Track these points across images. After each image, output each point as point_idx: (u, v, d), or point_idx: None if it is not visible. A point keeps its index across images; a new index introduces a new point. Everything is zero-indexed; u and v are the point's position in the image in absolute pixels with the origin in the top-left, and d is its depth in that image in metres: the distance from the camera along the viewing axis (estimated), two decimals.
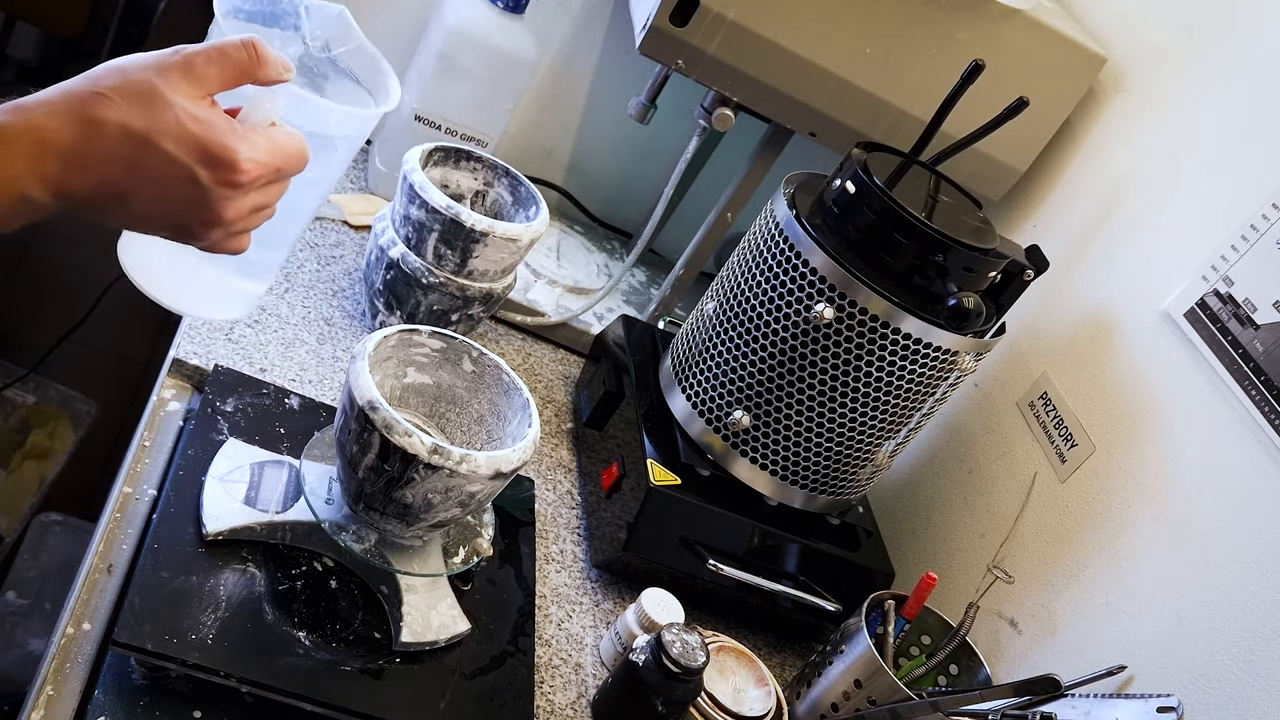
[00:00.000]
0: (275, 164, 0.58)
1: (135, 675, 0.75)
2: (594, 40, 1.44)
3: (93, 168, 0.54)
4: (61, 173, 0.53)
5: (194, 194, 0.56)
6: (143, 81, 0.55)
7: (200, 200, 0.57)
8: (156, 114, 0.54)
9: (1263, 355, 0.90)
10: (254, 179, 0.58)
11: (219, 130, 0.56)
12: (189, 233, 0.59)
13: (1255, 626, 0.85)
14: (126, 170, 0.54)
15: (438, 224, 1.06)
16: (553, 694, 0.93)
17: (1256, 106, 1.02)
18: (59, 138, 0.53)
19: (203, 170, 0.56)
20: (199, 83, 0.56)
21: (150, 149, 0.54)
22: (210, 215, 0.58)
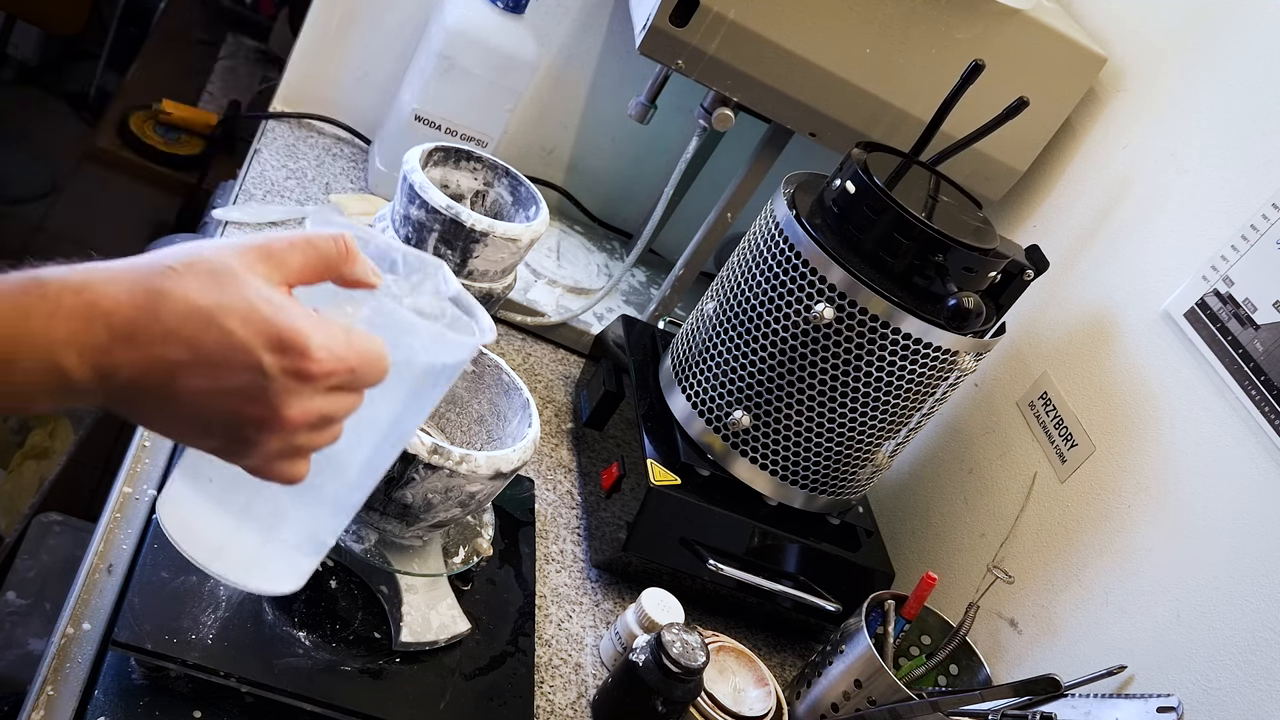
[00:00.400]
0: (351, 362, 0.50)
1: (135, 675, 0.75)
2: (594, 40, 1.44)
3: (145, 343, 0.47)
4: (108, 344, 0.46)
5: (254, 384, 0.48)
6: (216, 260, 0.49)
7: (260, 393, 0.48)
8: (226, 291, 0.48)
9: (1263, 355, 0.90)
10: (326, 373, 0.49)
11: (291, 314, 0.49)
12: (241, 437, 0.50)
13: (1256, 626, 0.85)
14: (183, 349, 0.47)
15: (438, 224, 1.06)
16: (553, 694, 0.93)
17: (1256, 106, 1.02)
18: (114, 304, 0.46)
19: (269, 355, 0.48)
20: (278, 268, 0.50)
21: (214, 327, 0.47)
22: (270, 414, 0.49)
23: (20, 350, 0.45)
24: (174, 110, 2.02)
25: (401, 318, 0.55)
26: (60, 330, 0.45)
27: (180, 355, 0.47)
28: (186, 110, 2.05)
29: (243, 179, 1.30)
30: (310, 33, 1.41)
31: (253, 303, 0.48)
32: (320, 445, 0.53)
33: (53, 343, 0.45)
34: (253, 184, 1.29)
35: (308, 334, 0.49)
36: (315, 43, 1.42)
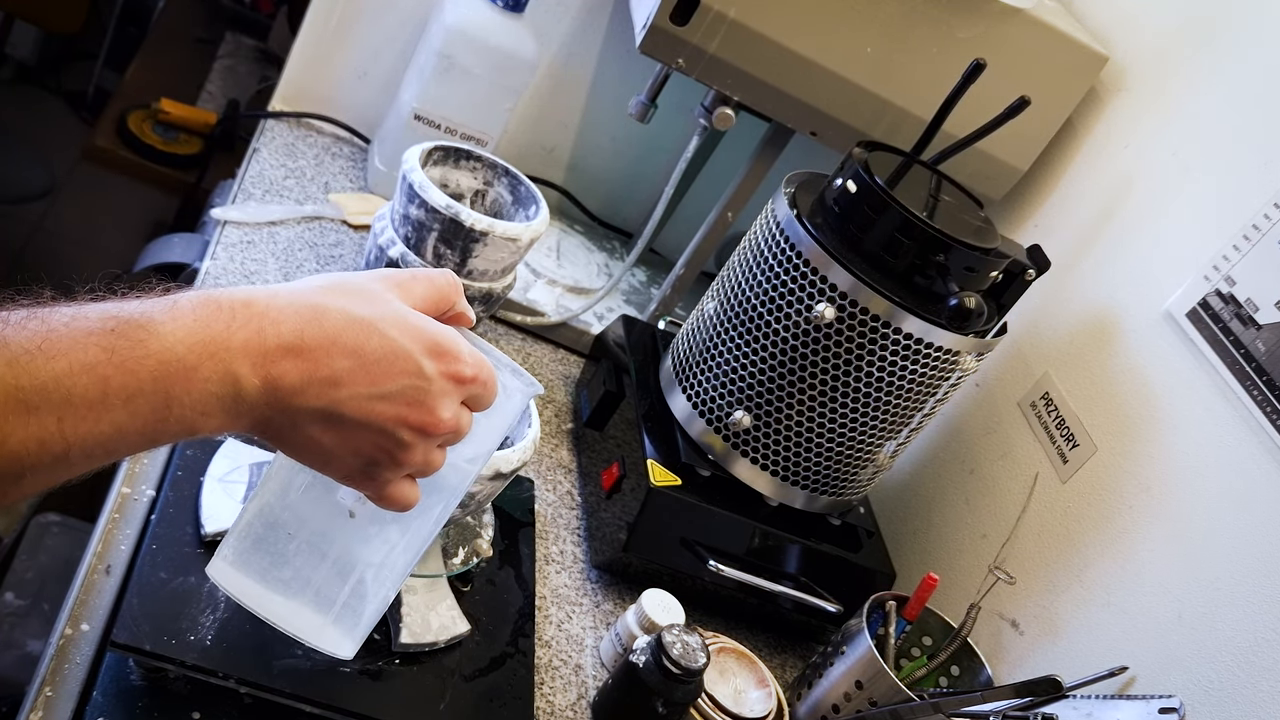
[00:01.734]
0: (485, 374, 0.55)
1: (134, 676, 0.74)
2: (594, 39, 1.44)
3: (310, 352, 0.49)
4: (277, 354, 0.48)
5: (415, 387, 0.52)
6: (360, 282, 0.53)
7: (422, 396, 0.52)
8: (377, 305, 0.52)
9: (1265, 355, 0.90)
10: (473, 377, 0.54)
11: (438, 326, 0.53)
12: (400, 442, 0.53)
13: (1257, 627, 0.85)
14: (347, 356, 0.50)
15: (437, 223, 1.06)
16: (553, 695, 0.93)
17: (1258, 105, 1.02)
18: (280, 315, 0.49)
19: (427, 359, 0.52)
20: (408, 295, 0.54)
21: (375, 333, 0.51)
22: (428, 417, 0.53)
23: (203, 358, 0.47)
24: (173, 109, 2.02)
25: (490, 353, 0.58)
26: (237, 338, 0.48)
27: (344, 363, 0.50)
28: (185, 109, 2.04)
29: (241, 178, 1.30)
30: (309, 32, 1.41)
31: (404, 314, 0.52)
32: (438, 466, 0.56)
33: (230, 350, 0.47)
34: (251, 183, 1.29)
35: (457, 340, 0.53)
36: (314, 42, 1.42)
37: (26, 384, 0.42)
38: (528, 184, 1.16)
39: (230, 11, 2.46)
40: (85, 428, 0.44)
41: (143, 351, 0.45)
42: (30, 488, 0.44)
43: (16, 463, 0.43)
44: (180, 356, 0.46)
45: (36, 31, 2.74)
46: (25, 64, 2.77)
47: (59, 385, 0.43)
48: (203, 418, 0.48)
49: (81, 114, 2.72)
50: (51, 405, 0.43)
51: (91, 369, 0.44)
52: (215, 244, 1.17)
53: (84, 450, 0.45)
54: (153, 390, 0.45)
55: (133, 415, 0.45)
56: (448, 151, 1.13)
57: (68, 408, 0.43)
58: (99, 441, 0.45)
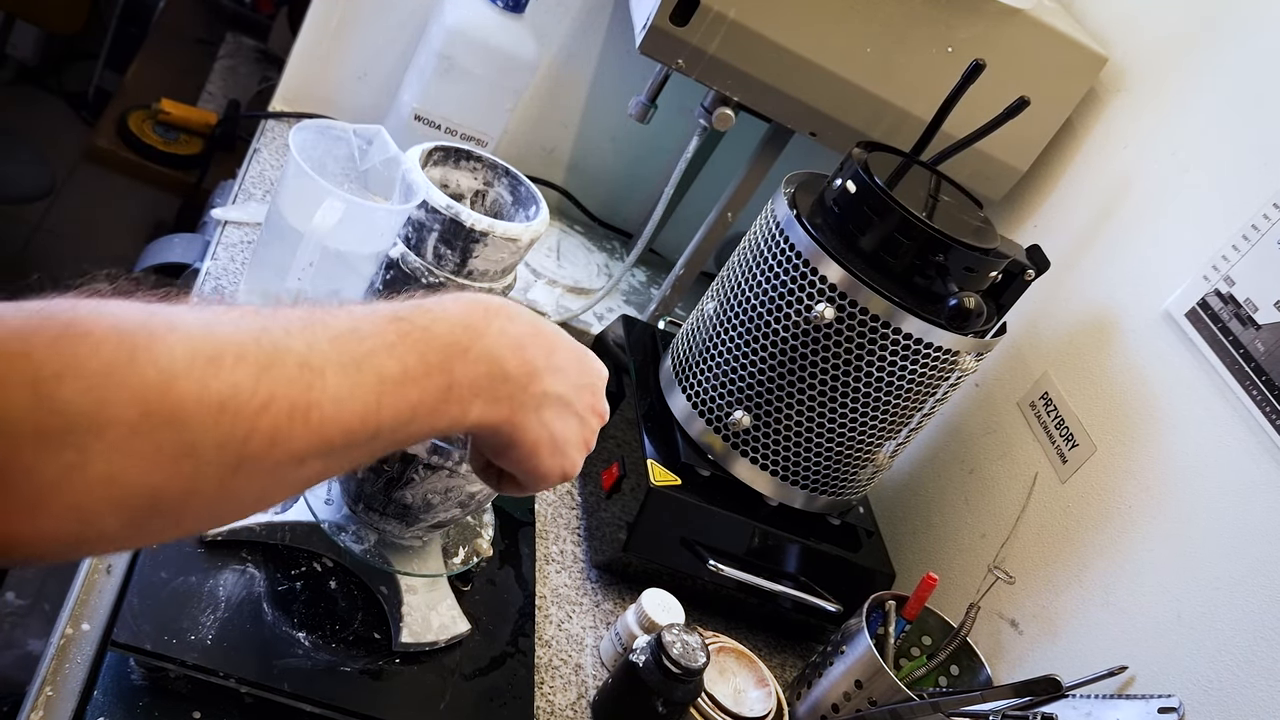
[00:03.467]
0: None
1: (134, 676, 0.74)
2: (594, 40, 1.44)
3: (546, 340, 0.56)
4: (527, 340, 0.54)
5: (594, 382, 0.61)
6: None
7: (597, 388, 0.62)
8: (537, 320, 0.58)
9: (1264, 355, 0.90)
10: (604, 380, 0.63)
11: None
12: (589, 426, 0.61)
13: (1257, 627, 0.85)
14: (562, 349, 0.57)
15: (437, 224, 1.06)
16: (553, 695, 0.93)
17: (1257, 106, 1.02)
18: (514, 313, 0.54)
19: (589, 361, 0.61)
20: None
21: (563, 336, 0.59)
22: (601, 406, 0.62)
23: (473, 339, 0.51)
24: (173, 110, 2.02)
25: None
26: (493, 326, 0.52)
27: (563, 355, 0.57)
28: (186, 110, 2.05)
29: (242, 178, 1.30)
30: (310, 32, 1.41)
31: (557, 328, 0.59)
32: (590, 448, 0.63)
33: (490, 335, 0.52)
34: (252, 184, 1.29)
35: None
36: (315, 42, 1.42)
37: (348, 361, 0.45)
38: (528, 184, 1.16)
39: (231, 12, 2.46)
40: (392, 403, 0.46)
41: (430, 335, 0.49)
42: (340, 465, 0.46)
43: (346, 436, 0.45)
44: (457, 338, 0.50)
45: (37, 32, 2.74)
46: (26, 64, 2.77)
47: (373, 361, 0.46)
48: (474, 397, 0.51)
49: (82, 114, 2.72)
50: (370, 381, 0.46)
51: (392, 349, 0.47)
52: (216, 244, 1.17)
53: (390, 427, 0.47)
54: (440, 368, 0.49)
55: (424, 393, 0.48)
56: (448, 152, 1.13)
57: (382, 383, 0.46)
58: (399, 420, 0.47)
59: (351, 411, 0.45)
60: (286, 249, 0.99)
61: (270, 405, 0.41)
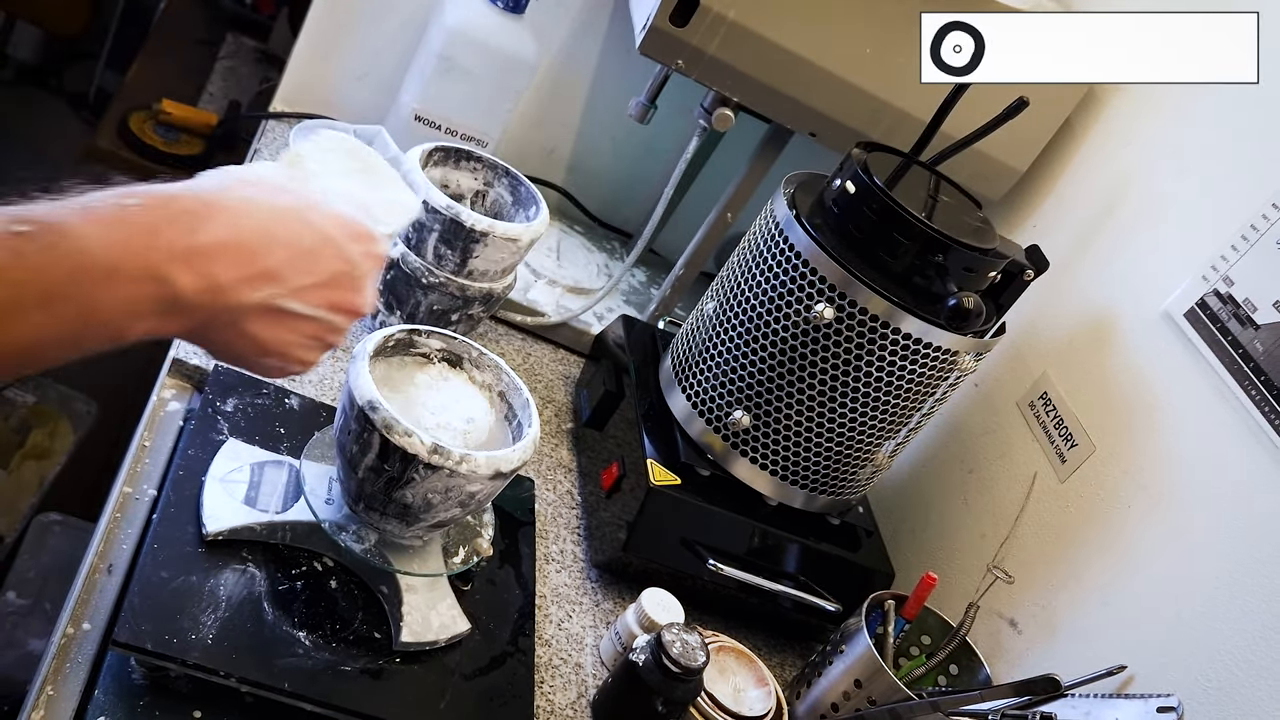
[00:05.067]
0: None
1: (135, 675, 0.75)
2: (594, 40, 1.44)
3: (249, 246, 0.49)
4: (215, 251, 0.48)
5: (344, 272, 0.54)
6: (271, 173, 0.54)
7: (348, 280, 0.55)
8: (296, 195, 0.53)
9: (1263, 355, 0.90)
10: (383, 256, 0.57)
11: (345, 210, 0.56)
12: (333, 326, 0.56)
13: (1256, 626, 0.85)
14: (282, 247, 0.51)
15: (438, 224, 1.06)
16: (553, 694, 0.93)
17: (1257, 105, 1.02)
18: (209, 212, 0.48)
19: (352, 244, 0.54)
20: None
21: (303, 223, 0.52)
22: (356, 299, 0.56)
23: (125, 256, 0.45)
24: (174, 110, 2.02)
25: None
26: (163, 237, 0.46)
27: (281, 254, 0.50)
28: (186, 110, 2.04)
29: None
30: (310, 33, 1.41)
31: (318, 200, 0.53)
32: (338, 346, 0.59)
33: (156, 249, 0.46)
34: None
35: (367, 225, 0.55)
36: (315, 43, 1.42)
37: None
38: (528, 184, 1.16)
39: (231, 12, 2.46)
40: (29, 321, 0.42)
41: (56, 254, 0.43)
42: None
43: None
44: (96, 258, 0.44)
45: (38, 32, 2.74)
46: (27, 65, 2.77)
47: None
48: (132, 320, 0.46)
49: (83, 115, 2.72)
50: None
51: (2, 273, 0.42)
52: None
53: (3, 355, 0.43)
54: (72, 294, 0.44)
55: (52, 319, 0.43)
56: (448, 152, 1.14)
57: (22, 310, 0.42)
58: (18, 347, 0.43)
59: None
60: None
61: None
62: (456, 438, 0.81)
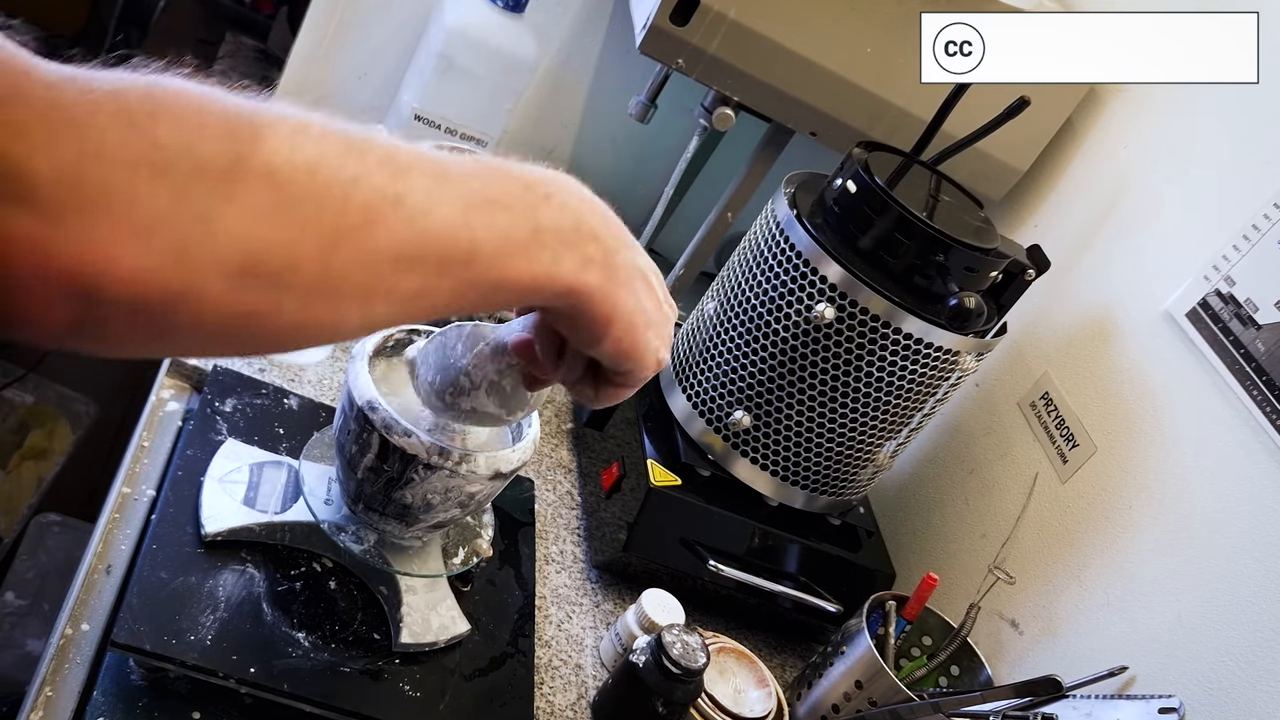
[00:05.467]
0: None
1: (134, 676, 0.74)
2: (594, 40, 1.44)
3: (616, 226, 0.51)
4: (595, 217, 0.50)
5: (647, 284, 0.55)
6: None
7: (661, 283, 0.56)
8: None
9: (1264, 355, 0.90)
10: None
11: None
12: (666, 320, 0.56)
13: (1258, 627, 0.85)
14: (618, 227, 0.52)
15: None
16: (552, 695, 0.93)
17: (1257, 106, 1.02)
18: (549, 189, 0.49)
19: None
20: None
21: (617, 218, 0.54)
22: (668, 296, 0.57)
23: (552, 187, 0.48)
24: None
25: None
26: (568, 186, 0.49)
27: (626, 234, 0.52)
28: None
29: None
30: (310, 32, 1.41)
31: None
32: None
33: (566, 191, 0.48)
34: None
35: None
36: (315, 42, 1.42)
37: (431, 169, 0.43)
38: None
39: (230, 12, 2.45)
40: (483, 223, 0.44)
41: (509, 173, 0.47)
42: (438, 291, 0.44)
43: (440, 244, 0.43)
44: (537, 182, 0.47)
45: (37, 31, 2.74)
46: None
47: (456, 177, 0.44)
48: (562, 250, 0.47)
49: None
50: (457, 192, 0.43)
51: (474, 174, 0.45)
52: None
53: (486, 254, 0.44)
54: (524, 205, 0.46)
55: (514, 225, 0.45)
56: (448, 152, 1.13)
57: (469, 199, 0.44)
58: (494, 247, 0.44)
59: (442, 218, 0.42)
60: None
61: (360, 182, 0.39)
62: (455, 438, 0.81)
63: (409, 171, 0.42)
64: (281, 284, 0.38)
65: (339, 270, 0.40)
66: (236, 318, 0.38)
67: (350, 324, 0.42)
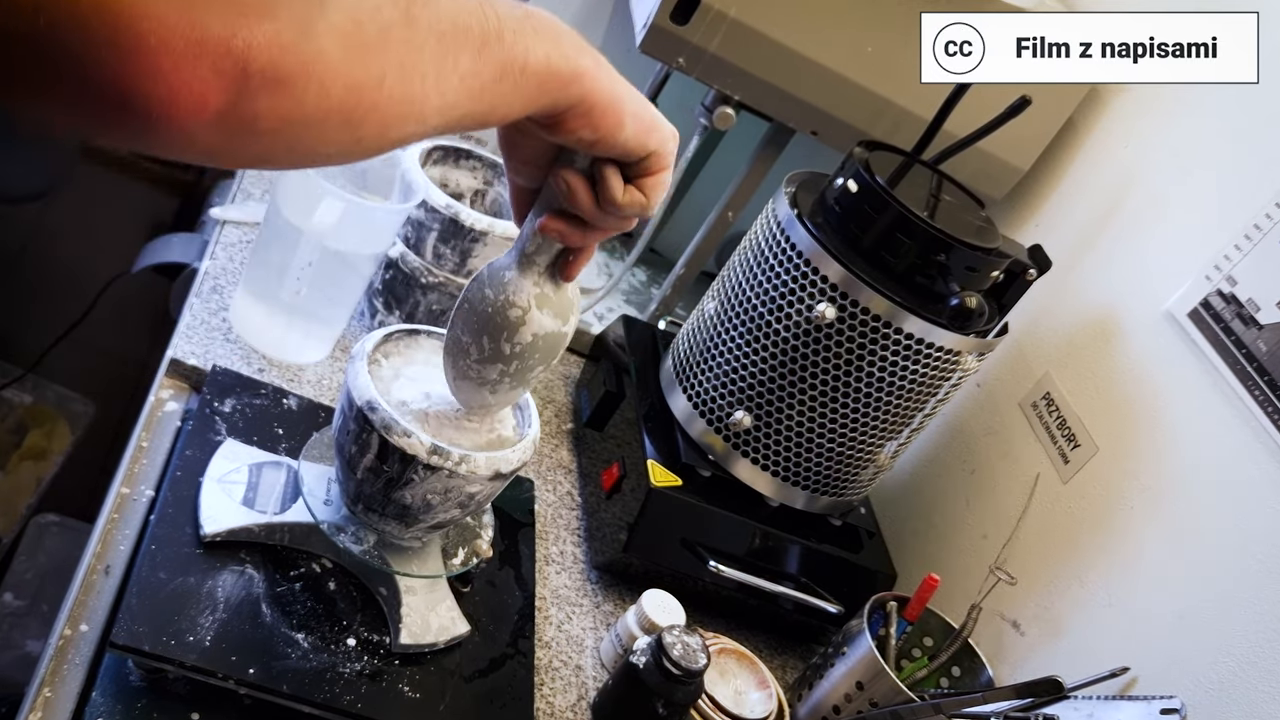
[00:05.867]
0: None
1: (133, 677, 0.74)
2: (594, 38, 1.43)
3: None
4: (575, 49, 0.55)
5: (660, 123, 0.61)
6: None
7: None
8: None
9: (1266, 355, 0.90)
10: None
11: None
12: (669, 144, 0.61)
13: (1259, 628, 0.84)
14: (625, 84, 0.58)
15: (437, 223, 1.05)
16: (553, 696, 0.93)
17: (1259, 105, 1.01)
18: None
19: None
20: None
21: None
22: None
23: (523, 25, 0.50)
24: None
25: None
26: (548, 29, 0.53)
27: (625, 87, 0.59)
28: None
29: (241, 178, 1.30)
30: None
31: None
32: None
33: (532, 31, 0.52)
34: (251, 183, 1.29)
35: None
36: None
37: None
38: None
39: None
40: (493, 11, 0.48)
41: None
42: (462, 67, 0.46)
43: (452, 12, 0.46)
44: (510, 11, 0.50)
45: None
46: None
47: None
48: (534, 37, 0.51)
49: None
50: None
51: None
52: (214, 243, 1.16)
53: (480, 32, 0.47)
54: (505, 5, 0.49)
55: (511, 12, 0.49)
56: (447, 151, 1.13)
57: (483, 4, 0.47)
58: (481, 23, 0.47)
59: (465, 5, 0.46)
60: (285, 248, 0.98)
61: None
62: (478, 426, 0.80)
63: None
64: (381, 48, 0.42)
65: (419, 38, 0.43)
66: (351, 90, 0.41)
67: (431, 103, 0.45)
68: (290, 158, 0.44)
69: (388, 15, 0.42)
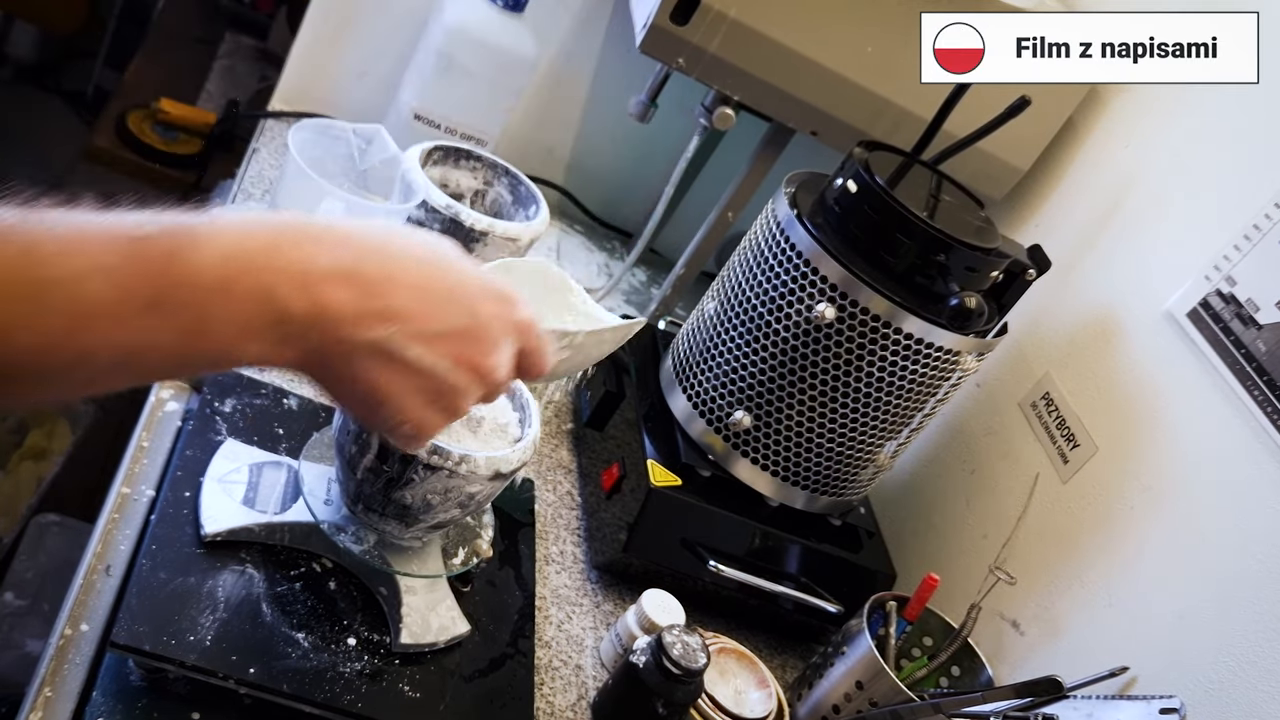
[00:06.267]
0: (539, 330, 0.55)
1: (133, 676, 0.74)
2: (594, 39, 1.43)
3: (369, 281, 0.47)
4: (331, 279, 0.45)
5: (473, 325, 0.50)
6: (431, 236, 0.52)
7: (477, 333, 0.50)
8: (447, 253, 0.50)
9: (1265, 355, 0.90)
10: (530, 324, 0.52)
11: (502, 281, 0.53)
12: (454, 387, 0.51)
13: (1259, 628, 0.85)
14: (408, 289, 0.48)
15: (437, 223, 1.05)
16: (553, 696, 0.93)
17: (1259, 105, 1.01)
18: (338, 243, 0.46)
19: (488, 302, 0.51)
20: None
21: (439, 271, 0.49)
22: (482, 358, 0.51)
23: (239, 273, 0.44)
24: (172, 109, 2.02)
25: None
26: (282, 258, 0.45)
27: (404, 296, 0.47)
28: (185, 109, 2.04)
29: (241, 178, 1.30)
30: (309, 31, 1.41)
31: (470, 266, 0.50)
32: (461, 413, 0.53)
33: (272, 270, 0.44)
34: (251, 183, 1.29)
35: (515, 292, 0.52)
36: (314, 41, 1.41)
37: (38, 276, 0.40)
38: (528, 184, 1.15)
39: (230, 11, 2.45)
40: (100, 334, 0.41)
41: (169, 262, 0.42)
42: (53, 393, 0.42)
43: (29, 361, 0.40)
44: (212, 268, 0.43)
45: (36, 31, 2.73)
46: (25, 64, 2.77)
47: (72, 283, 0.40)
48: (243, 340, 0.44)
49: (81, 114, 2.72)
50: (60, 303, 0.40)
51: (110, 273, 0.41)
52: None
53: (106, 359, 0.42)
54: (180, 301, 0.42)
55: (158, 326, 0.42)
56: (447, 151, 1.13)
57: (79, 309, 0.41)
58: (122, 352, 0.42)
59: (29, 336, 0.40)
60: None
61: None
62: None
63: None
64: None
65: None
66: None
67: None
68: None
69: None
